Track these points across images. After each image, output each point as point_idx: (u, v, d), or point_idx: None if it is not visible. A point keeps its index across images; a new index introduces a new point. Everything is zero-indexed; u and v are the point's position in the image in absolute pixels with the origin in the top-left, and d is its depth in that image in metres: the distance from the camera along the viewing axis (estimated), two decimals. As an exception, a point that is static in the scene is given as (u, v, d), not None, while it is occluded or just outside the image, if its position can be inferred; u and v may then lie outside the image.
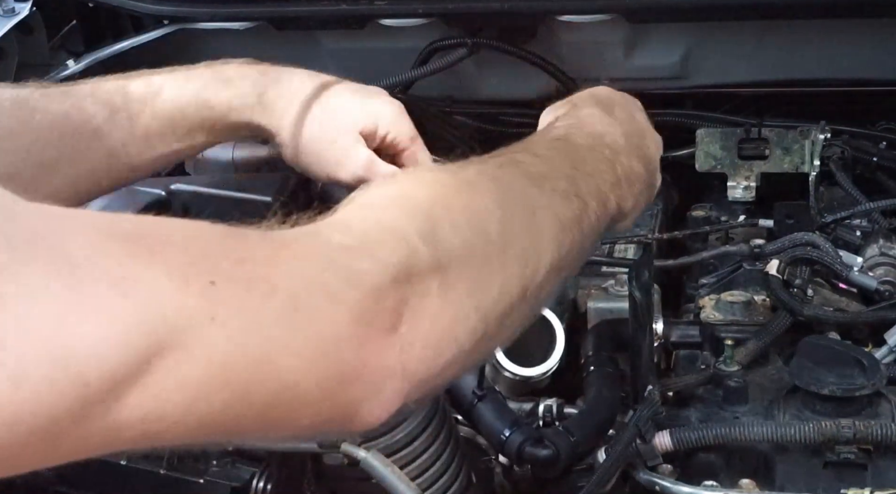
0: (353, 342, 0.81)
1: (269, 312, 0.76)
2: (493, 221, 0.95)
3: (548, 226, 1.01)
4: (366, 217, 0.89)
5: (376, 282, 0.83)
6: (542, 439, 1.33)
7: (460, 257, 0.90)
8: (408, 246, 0.87)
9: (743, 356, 1.45)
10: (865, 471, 1.29)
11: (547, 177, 1.05)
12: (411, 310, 0.85)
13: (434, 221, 0.90)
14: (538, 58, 1.95)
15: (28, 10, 1.95)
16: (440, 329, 0.88)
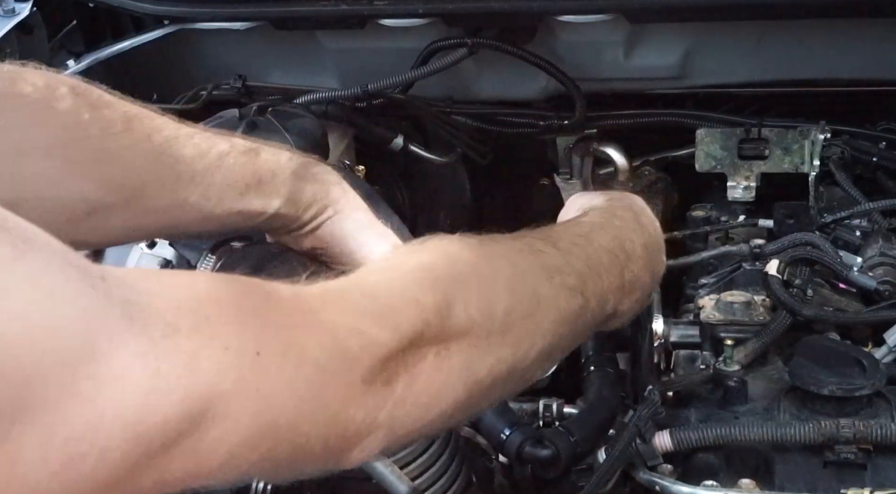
0: (359, 400, 0.87)
1: (300, 382, 0.82)
2: (501, 306, 1.01)
3: (548, 317, 1.07)
4: (392, 283, 0.95)
5: (391, 350, 0.89)
6: (542, 439, 1.33)
7: (462, 333, 0.96)
8: (422, 319, 0.92)
9: (743, 356, 1.45)
10: (865, 471, 1.29)
11: (560, 270, 1.10)
12: (408, 370, 0.91)
13: (450, 298, 0.96)
14: (538, 58, 1.95)
15: (28, 11, 1.95)
16: (430, 393, 0.94)
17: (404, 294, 0.94)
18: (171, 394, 0.72)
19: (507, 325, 1.01)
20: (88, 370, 0.68)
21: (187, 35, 2.02)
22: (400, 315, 0.91)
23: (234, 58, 2.07)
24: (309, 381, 0.83)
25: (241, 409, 0.77)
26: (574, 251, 1.14)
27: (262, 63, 2.07)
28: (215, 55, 2.10)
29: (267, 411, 0.79)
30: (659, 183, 2.02)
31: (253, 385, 0.78)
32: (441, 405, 0.95)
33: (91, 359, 0.68)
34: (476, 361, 0.98)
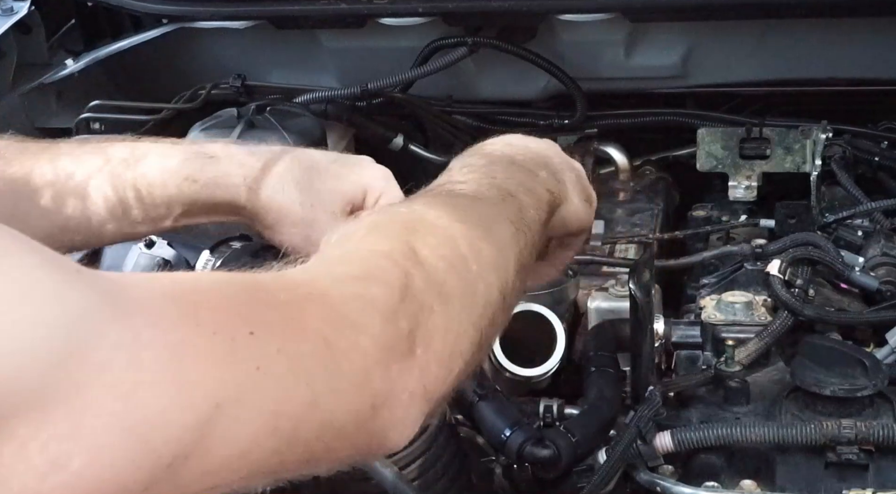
0: (380, 369, 0.84)
1: (304, 352, 0.78)
2: (459, 237, 0.99)
3: (504, 231, 1.05)
4: (356, 248, 0.93)
5: (389, 304, 0.86)
6: (543, 439, 1.33)
7: (446, 274, 0.94)
8: (401, 268, 0.90)
9: (744, 356, 1.44)
10: (867, 472, 1.28)
11: (479, 193, 1.09)
12: (422, 330, 0.88)
13: (412, 244, 0.94)
14: (538, 57, 1.95)
15: (27, 10, 1.95)
16: (449, 346, 0.91)
17: (371, 250, 0.92)
18: (159, 387, 0.68)
19: (476, 253, 0.99)
20: (68, 365, 0.65)
21: (186, 34, 2.01)
22: (378, 270, 0.89)
23: (233, 57, 2.06)
24: (315, 354, 0.79)
25: (244, 393, 0.73)
26: (475, 176, 1.12)
27: (262, 62, 2.06)
28: (214, 54, 2.09)
29: (276, 388, 0.75)
30: (660, 183, 2.01)
31: (252, 366, 0.74)
32: (461, 356, 0.93)
33: (71, 354, 0.65)
34: (471, 298, 0.96)
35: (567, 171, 1.22)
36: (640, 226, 1.85)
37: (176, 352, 0.70)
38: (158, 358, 0.69)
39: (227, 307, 0.76)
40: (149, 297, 0.72)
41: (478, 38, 1.92)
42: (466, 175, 1.13)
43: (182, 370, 0.70)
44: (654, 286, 1.49)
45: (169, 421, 0.69)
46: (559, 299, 1.58)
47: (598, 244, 1.76)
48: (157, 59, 2.09)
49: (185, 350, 0.70)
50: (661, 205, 1.93)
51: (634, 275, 1.36)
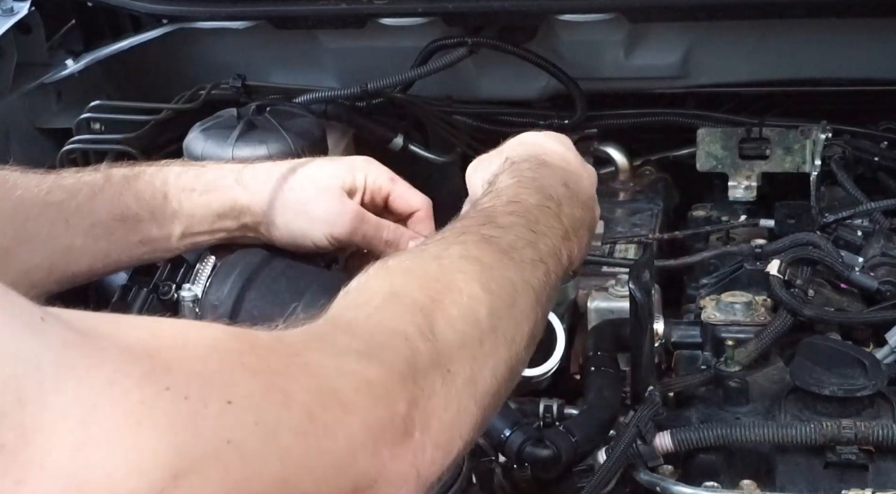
0: (368, 452, 0.80)
1: (285, 426, 0.74)
2: (483, 309, 0.97)
3: (527, 302, 1.04)
4: (368, 317, 0.90)
5: (387, 388, 0.83)
6: (543, 439, 1.33)
7: (457, 350, 0.92)
8: (409, 347, 0.87)
9: (744, 356, 1.44)
10: (867, 472, 1.28)
11: (515, 248, 1.07)
12: (421, 412, 0.85)
13: (431, 317, 0.92)
14: (538, 57, 1.95)
15: (27, 10, 1.95)
16: (447, 428, 0.89)
17: (382, 324, 0.89)
18: (109, 448, 0.64)
19: (493, 326, 0.97)
20: (20, 416, 0.61)
21: (186, 34, 2.01)
22: (383, 349, 0.86)
23: (233, 57, 2.06)
24: (297, 430, 0.74)
25: (207, 466, 0.68)
26: (516, 223, 1.11)
27: (262, 62, 2.06)
28: (214, 54, 2.09)
29: (243, 463, 0.70)
30: (659, 183, 2.01)
31: (222, 437, 0.69)
32: (460, 437, 0.90)
33: (23, 405, 0.62)
34: (477, 373, 0.94)
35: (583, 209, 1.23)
36: (640, 226, 1.85)
37: (134, 414, 0.66)
38: (112, 418, 0.65)
39: (207, 373, 0.72)
40: (118, 351, 0.68)
41: (478, 39, 1.92)
42: (507, 220, 1.11)
43: (138, 435, 0.65)
44: (654, 286, 1.49)
45: (116, 487, 0.64)
46: (559, 299, 1.57)
47: (599, 244, 1.76)
48: (157, 59, 2.09)
49: (144, 413, 0.66)
50: (661, 205, 1.92)
51: (634, 275, 1.36)
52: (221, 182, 1.38)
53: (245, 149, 1.66)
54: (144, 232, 1.35)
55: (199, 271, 1.39)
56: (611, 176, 2.04)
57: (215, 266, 1.39)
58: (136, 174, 1.36)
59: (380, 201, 1.43)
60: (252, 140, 1.67)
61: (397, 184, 1.44)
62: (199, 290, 1.37)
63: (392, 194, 1.43)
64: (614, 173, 2.04)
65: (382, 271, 0.98)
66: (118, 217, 1.34)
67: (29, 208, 1.30)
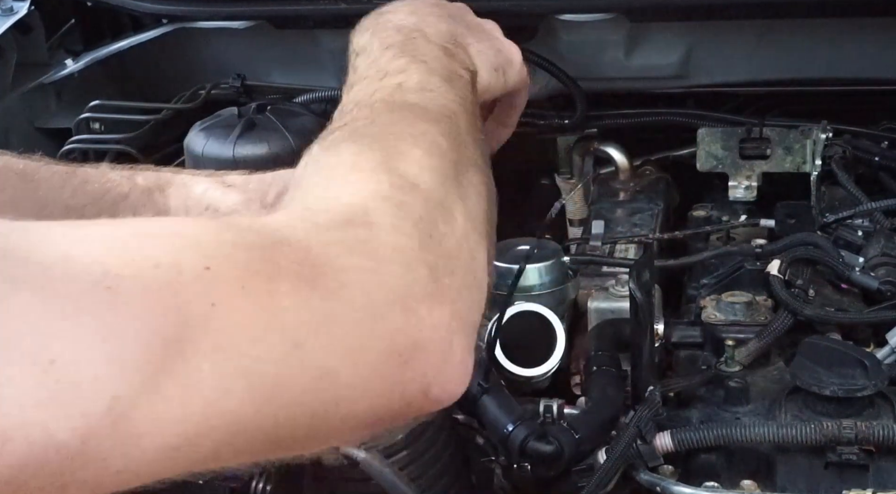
0: (397, 306, 0.74)
1: (278, 294, 0.68)
2: (440, 137, 0.92)
3: (466, 122, 0.98)
4: (339, 195, 0.83)
5: (392, 244, 0.77)
6: (546, 434, 1.33)
7: (440, 186, 0.86)
8: (395, 204, 0.81)
9: (744, 356, 1.44)
10: (867, 472, 1.28)
11: (424, 86, 1.00)
12: (436, 256, 0.79)
13: (400, 169, 0.86)
14: (539, 57, 1.94)
15: (27, 9, 1.95)
16: (468, 264, 0.83)
17: (360, 196, 0.82)
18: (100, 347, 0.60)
19: (457, 145, 0.92)
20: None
21: (186, 34, 2.01)
22: (372, 213, 0.79)
23: (233, 57, 2.06)
24: (293, 287, 0.69)
25: (200, 332, 0.63)
26: (407, 65, 1.03)
27: (262, 62, 2.06)
28: (214, 54, 2.09)
29: (236, 327, 0.65)
30: (660, 183, 2.01)
31: (206, 301, 0.64)
32: (482, 267, 0.84)
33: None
34: (468, 200, 0.88)
35: (472, 36, 1.17)
36: (640, 226, 1.85)
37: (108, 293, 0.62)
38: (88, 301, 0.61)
39: (184, 239, 0.68)
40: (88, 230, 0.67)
41: (478, 39, 1.92)
42: (397, 62, 1.03)
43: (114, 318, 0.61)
44: (654, 286, 1.49)
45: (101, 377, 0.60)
46: (559, 299, 1.57)
47: (598, 244, 1.76)
48: (157, 59, 2.09)
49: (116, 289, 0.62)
50: (661, 205, 1.92)
51: (634, 275, 1.36)
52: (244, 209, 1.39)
53: (246, 147, 1.66)
54: None
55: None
56: (611, 176, 2.04)
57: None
58: (161, 187, 1.36)
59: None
60: (253, 139, 1.67)
61: None
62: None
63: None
64: (614, 173, 2.04)
65: (322, 149, 0.92)
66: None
67: (50, 211, 1.30)
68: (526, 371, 1.44)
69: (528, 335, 1.46)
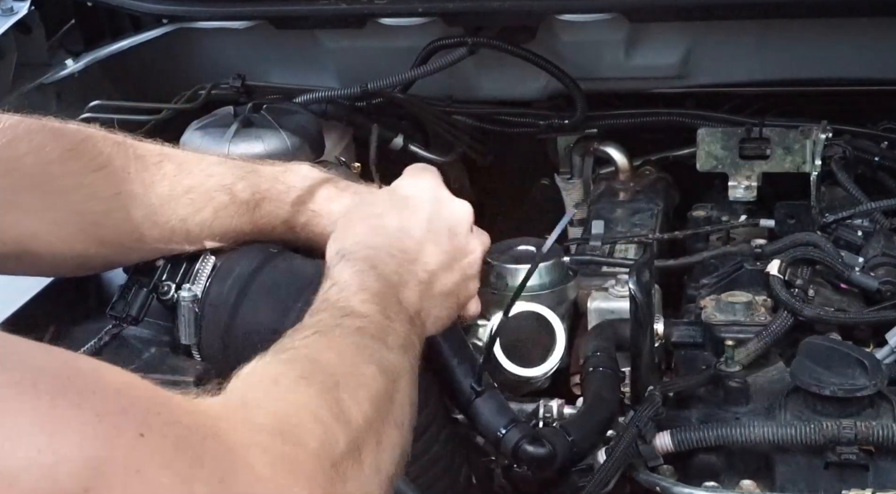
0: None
1: (197, 479, 0.72)
2: (383, 390, 0.99)
3: (407, 384, 1.06)
4: (280, 398, 0.89)
5: (303, 467, 0.82)
6: (539, 437, 1.33)
7: (365, 434, 0.92)
8: (324, 430, 0.87)
9: (744, 356, 1.44)
10: (867, 472, 1.28)
11: (386, 333, 1.09)
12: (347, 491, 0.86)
13: (341, 400, 0.92)
14: (538, 57, 1.94)
15: (27, 10, 1.95)
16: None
17: (296, 408, 0.88)
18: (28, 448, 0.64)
19: (390, 402, 1.00)
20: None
21: (186, 34, 2.01)
22: (301, 430, 0.85)
23: (233, 57, 2.06)
24: (206, 484, 0.72)
25: (118, 489, 0.67)
26: (373, 310, 1.12)
27: (262, 62, 2.06)
28: (214, 54, 2.09)
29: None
30: (660, 183, 2.01)
31: (133, 466, 0.68)
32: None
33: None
34: (381, 456, 0.95)
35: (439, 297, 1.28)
36: (640, 226, 1.85)
37: (48, 419, 0.66)
38: (25, 419, 0.65)
39: (121, 404, 0.71)
40: (28, 367, 0.68)
41: (478, 39, 1.92)
42: (365, 307, 1.12)
43: (53, 438, 0.66)
44: (654, 286, 1.49)
45: (35, 476, 0.65)
46: (559, 299, 1.57)
47: (598, 244, 1.76)
48: (157, 59, 2.09)
49: (58, 420, 0.67)
50: (661, 205, 1.92)
51: (634, 275, 1.36)
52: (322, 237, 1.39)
53: (241, 146, 1.66)
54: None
55: (199, 270, 1.39)
56: (611, 176, 2.04)
57: (215, 266, 1.39)
58: (258, 202, 1.38)
59: None
60: (248, 137, 1.68)
61: None
62: (198, 290, 1.37)
63: None
64: (614, 173, 2.04)
65: (278, 357, 0.97)
66: (232, 239, 1.39)
67: (157, 217, 1.33)
68: (526, 371, 1.44)
69: (528, 335, 1.46)
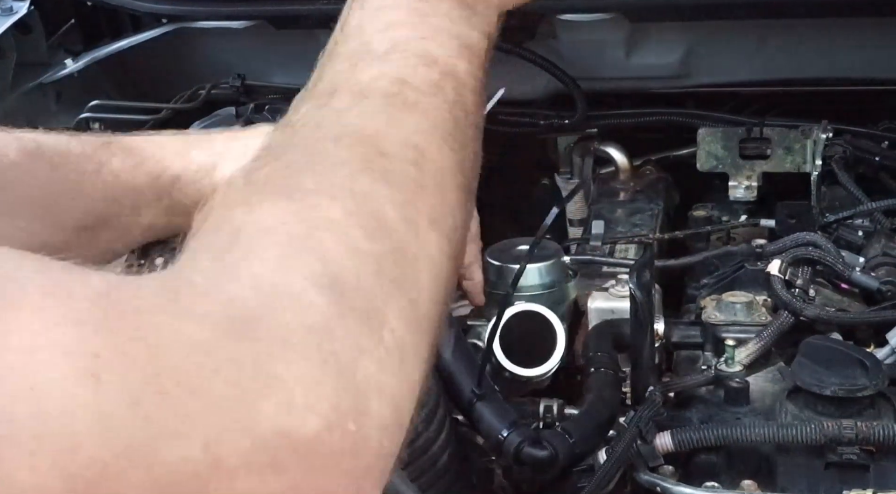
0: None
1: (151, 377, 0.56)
2: (392, 210, 0.73)
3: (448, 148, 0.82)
4: (235, 267, 0.65)
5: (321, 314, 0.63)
6: (540, 440, 1.33)
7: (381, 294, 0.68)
8: (302, 306, 0.63)
9: (744, 356, 1.44)
10: (867, 472, 1.28)
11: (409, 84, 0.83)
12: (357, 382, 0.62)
13: (332, 270, 0.66)
14: (538, 57, 1.94)
15: (26, 9, 1.95)
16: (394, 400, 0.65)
17: (274, 284, 0.64)
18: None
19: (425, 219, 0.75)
20: None
21: (186, 34, 2.01)
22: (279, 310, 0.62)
23: (232, 57, 2.06)
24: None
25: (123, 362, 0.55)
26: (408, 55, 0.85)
27: (262, 62, 2.06)
28: (214, 54, 2.09)
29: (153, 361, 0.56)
30: (660, 183, 2.01)
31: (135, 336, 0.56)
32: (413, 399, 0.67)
33: None
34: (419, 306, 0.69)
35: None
36: (640, 226, 1.85)
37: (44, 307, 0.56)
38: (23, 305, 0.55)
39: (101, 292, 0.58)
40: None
41: (478, 38, 1.91)
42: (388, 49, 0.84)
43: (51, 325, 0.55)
44: (654, 286, 1.49)
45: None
46: (559, 299, 1.57)
47: (598, 244, 1.76)
48: (157, 59, 2.09)
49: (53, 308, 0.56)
50: (661, 205, 1.92)
51: (634, 275, 1.36)
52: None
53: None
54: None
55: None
56: (611, 176, 2.04)
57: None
58: (214, 165, 1.33)
59: None
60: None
61: None
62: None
63: None
64: (614, 173, 2.04)
65: (237, 188, 0.73)
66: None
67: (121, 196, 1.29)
68: (526, 371, 1.44)
69: (528, 335, 1.46)
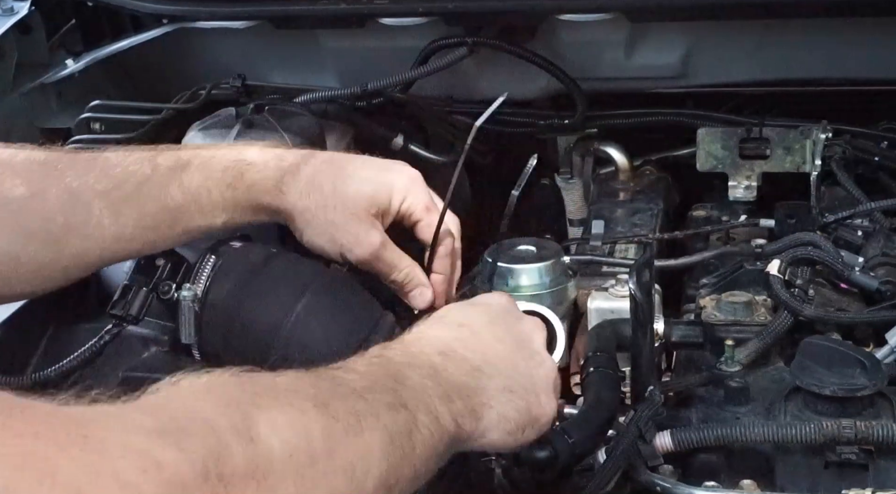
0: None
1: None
2: (317, 427, 0.87)
3: (376, 440, 0.93)
4: (176, 401, 0.80)
5: (182, 477, 0.72)
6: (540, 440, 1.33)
7: (280, 462, 0.81)
8: (218, 440, 0.77)
9: (744, 356, 1.44)
10: (867, 472, 1.28)
11: (368, 390, 0.97)
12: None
13: (251, 418, 0.81)
14: (538, 57, 1.95)
15: (27, 10, 1.95)
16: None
17: (190, 412, 0.78)
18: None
19: (330, 448, 0.86)
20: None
21: (186, 34, 2.01)
22: (187, 435, 0.74)
23: (233, 57, 2.06)
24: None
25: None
26: (376, 371, 1.02)
27: (262, 62, 2.06)
28: (214, 54, 2.09)
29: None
30: (660, 183, 2.01)
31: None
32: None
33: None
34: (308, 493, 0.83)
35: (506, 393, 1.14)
36: (640, 226, 1.85)
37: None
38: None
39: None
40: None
41: (478, 39, 1.92)
42: (368, 368, 1.02)
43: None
44: (654, 286, 1.49)
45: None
46: (559, 299, 1.57)
47: (599, 244, 1.76)
48: (156, 59, 2.09)
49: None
50: (661, 205, 1.92)
51: (634, 275, 1.36)
52: (263, 185, 1.40)
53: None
54: (188, 222, 1.38)
55: (200, 270, 1.39)
56: (611, 176, 2.04)
57: (216, 265, 1.39)
58: (183, 166, 1.38)
59: (408, 225, 1.44)
60: (250, 139, 1.67)
61: (430, 215, 1.43)
62: (199, 289, 1.37)
63: (421, 222, 1.43)
64: (614, 173, 2.04)
65: (211, 375, 0.88)
66: (164, 208, 1.37)
67: (78, 196, 1.33)
68: (526, 371, 1.44)
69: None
